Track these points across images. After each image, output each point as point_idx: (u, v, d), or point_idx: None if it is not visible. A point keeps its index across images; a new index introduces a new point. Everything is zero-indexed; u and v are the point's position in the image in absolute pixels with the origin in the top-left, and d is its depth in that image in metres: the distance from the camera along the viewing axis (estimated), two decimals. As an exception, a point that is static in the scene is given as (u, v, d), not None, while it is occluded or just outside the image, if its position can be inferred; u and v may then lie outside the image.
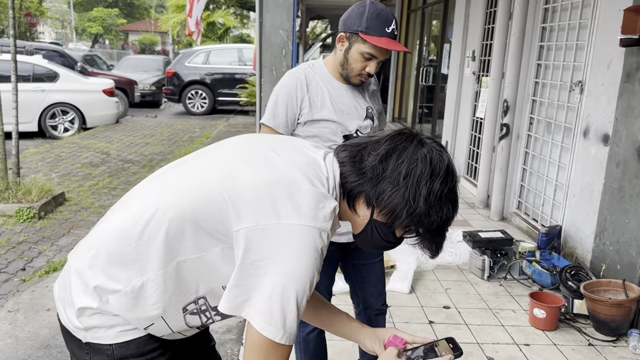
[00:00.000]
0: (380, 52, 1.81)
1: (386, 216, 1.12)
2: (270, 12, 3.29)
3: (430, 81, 8.43)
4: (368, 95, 2.03)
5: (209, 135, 9.96)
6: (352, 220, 1.21)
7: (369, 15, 1.78)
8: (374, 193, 1.12)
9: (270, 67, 3.40)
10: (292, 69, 1.98)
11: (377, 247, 1.25)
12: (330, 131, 1.90)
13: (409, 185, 1.08)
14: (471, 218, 4.97)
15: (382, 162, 1.11)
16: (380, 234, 1.17)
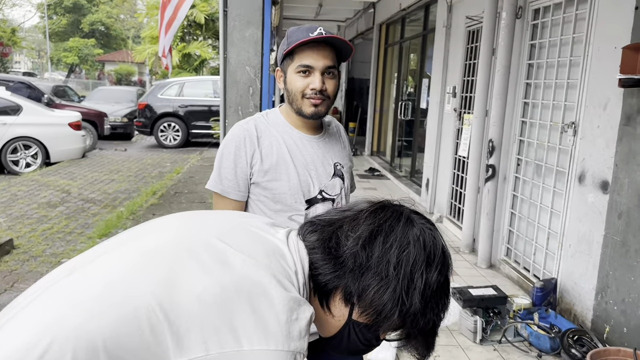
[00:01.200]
0: (313, 56, 1.48)
1: (370, 316, 0.88)
2: (236, 46, 2.95)
3: (409, 115, 8.20)
4: (337, 148, 1.66)
5: (179, 170, 9.53)
6: (323, 321, 0.92)
7: (289, 34, 1.52)
8: (355, 288, 0.87)
9: (235, 107, 3.05)
10: (240, 121, 1.63)
11: (353, 353, 0.96)
12: (290, 194, 1.54)
13: (400, 278, 0.85)
14: (457, 265, 4.61)
15: (365, 248, 0.87)
16: (359, 338, 0.90)
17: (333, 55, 1.51)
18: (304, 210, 1.55)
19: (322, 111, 1.53)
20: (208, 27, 17.76)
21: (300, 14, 11.86)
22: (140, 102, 12.98)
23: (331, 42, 1.49)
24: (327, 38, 1.47)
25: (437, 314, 0.89)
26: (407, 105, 8.22)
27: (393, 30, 9.59)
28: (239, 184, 1.55)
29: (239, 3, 2.85)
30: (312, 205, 1.56)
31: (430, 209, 6.33)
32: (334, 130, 1.70)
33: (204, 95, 13.07)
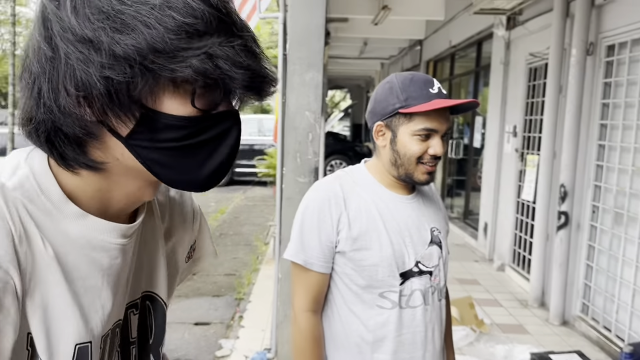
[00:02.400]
0: (439, 120, 1.29)
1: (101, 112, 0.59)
2: (296, 90, 2.79)
3: (461, 154, 7.89)
4: (432, 210, 1.43)
5: (224, 210, 9.46)
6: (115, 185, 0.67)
7: (401, 86, 1.30)
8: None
9: (294, 153, 2.87)
10: (321, 180, 1.42)
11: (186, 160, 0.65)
12: (382, 267, 1.30)
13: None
14: (526, 321, 4.23)
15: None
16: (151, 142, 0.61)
17: (449, 114, 1.33)
18: (398, 285, 1.32)
19: (434, 177, 1.35)
20: (253, 66, 18.07)
21: (344, 53, 11.86)
22: (186, 141, 13.13)
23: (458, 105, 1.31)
24: (444, 95, 1.30)
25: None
26: (459, 144, 7.93)
27: (441, 67, 9.40)
28: (325, 254, 1.33)
29: (300, 46, 2.70)
30: (407, 280, 1.33)
31: (489, 256, 5.95)
32: (425, 188, 1.47)
33: (248, 134, 13.14)
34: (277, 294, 3.07)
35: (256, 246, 6.87)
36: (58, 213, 0.62)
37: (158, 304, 0.79)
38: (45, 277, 0.61)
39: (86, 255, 0.65)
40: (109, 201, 0.67)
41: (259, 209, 9.82)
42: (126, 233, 0.68)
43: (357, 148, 13.75)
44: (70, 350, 0.63)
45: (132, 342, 0.77)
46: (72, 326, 0.63)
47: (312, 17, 2.70)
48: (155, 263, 0.78)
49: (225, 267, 5.89)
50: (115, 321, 0.71)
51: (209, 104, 0.62)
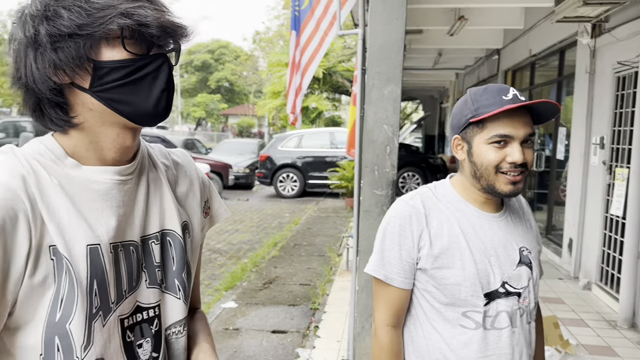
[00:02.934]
0: (513, 125, 1.24)
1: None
2: (374, 104, 2.83)
3: (543, 166, 7.59)
4: (522, 229, 1.38)
5: (298, 221, 9.63)
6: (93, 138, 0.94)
7: (474, 97, 1.30)
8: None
9: (371, 166, 2.90)
10: (404, 196, 1.42)
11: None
12: (465, 286, 1.28)
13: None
14: (615, 344, 3.99)
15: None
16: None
17: (530, 120, 1.28)
18: (483, 306, 1.29)
19: (521, 188, 1.28)
20: (325, 80, 18.33)
21: (417, 64, 11.78)
22: (262, 154, 13.52)
23: (536, 106, 1.26)
24: (532, 104, 1.25)
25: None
26: (540, 156, 7.63)
27: (520, 77, 9.10)
28: (405, 270, 1.33)
29: (379, 61, 2.75)
30: (492, 300, 1.29)
31: (574, 274, 5.66)
32: (515, 205, 1.43)
33: (321, 147, 13.34)
34: (354, 306, 3.10)
35: (329, 257, 6.94)
36: (61, 163, 0.89)
37: (175, 238, 1.02)
38: (54, 198, 0.86)
39: (87, 187, 0.90)
40: (102, 151, 0.91)
41: (331, 220, 9.91)
42: (121, 172, 0.93)
43: (431, 160, 13.51)
44: (83, 249, 0.86)
45: (157, 265, 0.99)
46: (81, 233, 0.87)
47: (391, 32, 2.74)
48: (166, 207, 1.02)
49: (299, 277, 5.99)
50: (126, 240, 0.94)
51: (140, 49, 0.87)
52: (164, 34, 0.87)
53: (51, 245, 0.84)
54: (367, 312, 2.99)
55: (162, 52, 0.90)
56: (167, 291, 1.00)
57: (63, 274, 0.84)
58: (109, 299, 0.88)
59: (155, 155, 1.06)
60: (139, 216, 0.96)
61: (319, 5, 4.43)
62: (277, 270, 6.25)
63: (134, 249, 0.94)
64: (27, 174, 0.85)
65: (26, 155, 0.87)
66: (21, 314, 0.83)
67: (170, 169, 1.07)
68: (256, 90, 38.25)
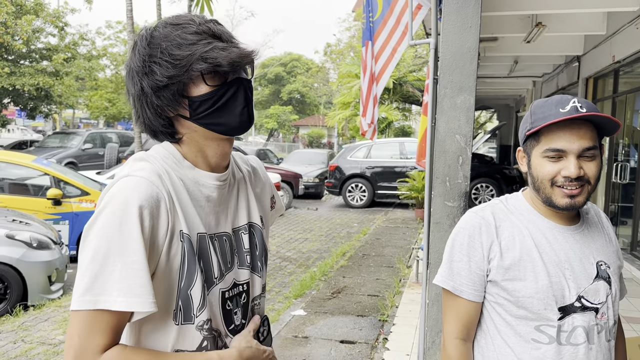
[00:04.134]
0: (567, 139, 1.22)
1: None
2: (446, 114, 2.80)
3: (627, 178, 7.15)
4: (600, 242, 1.33)
5: (366, 231, 9.61)
6: (194, 147, 1.18)
7: (533, 110, 1.30)
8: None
9: (443, 177, 2.87)
10: (474, 207, 1.41)
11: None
12: (538, 298, 1.25)
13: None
14: None
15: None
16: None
17: (592, 132, 1.24)
18: (557, 320, 1.26)
19: (580, 202, 1.25)
20: (395, 90, 18.24)
21: (492, 72, 11.47)
22: (332, 164, 13.64)
23: (588, 117, 1.22)
24: (585, 116, 1.21)
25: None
26: (625, 167, 7.19)
27: (603, 85, 8.65)
28: (474, 281, 1.32)
29: (452, 70, 2.72)
30: (567, 315, 1.26)
31: (663, 293, 5.27)
32: (594, 218, 1.39)
33: (390, 157, 13.27)
34: (425, 320, 3.06)
35: (398, 268, 6.87)
36: (180, 165, 1.13)
37: (257, 228, 1.28)
38: (181, 196, 1.11)
39: (197, 188, 1.14)
40: (207, 158, 1.15)
41: (400, 231, 9.81)
42: (220, 178, 1.17)
43: (506, 171, 13.03)
44: (195, 236, 1.10)
45: (246, 251, 1.23)
46: (195, 222, 1.11)
47: (465, 40, 2.71)
48: (250, 204, 1.27)
49: (368, 288, 5.97)
50: (222, 231, 1.18)
51: (220, 80, 1.08)
52: (234, 67, 1.08)
53: (181, 230, 1.07)
54: (437, 326, 2.95)
55: (237, 77, 1.11)
56: (254, 271, 1.24)
57: (187, 253, 1.07)
58: (212, 276, 1.12)
59: (239, 162, 1.31)
60: (231, 212, 1.21)
61: (392, 16, 4.45)
62: (345, 280, 6.26)
63: (227, 239, 1.18)
64: (162, 173, 1.09)
65: (157, 159, 1.11)
66: (158, 280, 1.05)
67: (250, 173, 1.32)
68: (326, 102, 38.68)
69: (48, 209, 6.69)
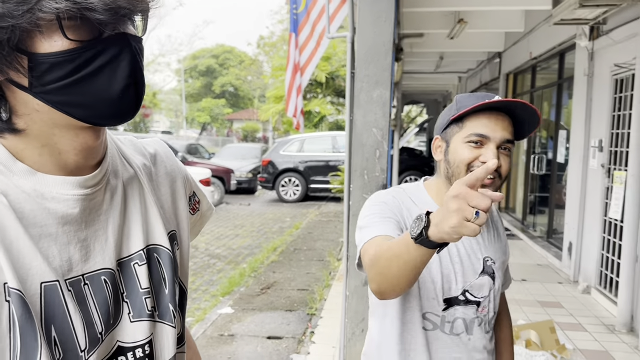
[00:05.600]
0: (491, 127, 1.21)
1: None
2: (362, 108, 2.81)
3: (544, 170, 7.55)
4: (488, 238, 1.35)
5: (299, 226, 9.60)
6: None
7: (459, 100, 1.30)
8: None
9: (361, 170, 2.88)
10: (380, 191, 1.38)
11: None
12: (430, 289, 1.26)
13: None
14: (612, 348, 3.94)
15: None
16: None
17: (512, 128, 1.25)
18: (442, 310, 1.27)
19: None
20: (328, 84, 18.33)
21: (419, 68, 11.75)
22: (264, 158, 13.53)
23: (513, 110, 1.22)
24: (513, 103, 1.20)
25: None
26: (541, 159, 7.58)
27: (522, 80, 9.07)
28: (393, 226, 1.23)
29: (367, 63, 2.73)
30: (451, 306, 1.27)
31: (574, 277, 5.61)
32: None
33: (323, 151, 13.33)
34: (345, 311, 3.07)
35: (329, 262, 6.91)
36: (8, 171, 0.69)
37: (164, 253, 0.83)
38: (4, 224, 0.67)
39: (40, 205, 0.70)
40: (61, 155, 0.72)
41: (332, 224, 9.88)
42: (85, 184, 0.74)
43: (433, 164, 13.46)
44: (37, 288, 0.67)
45: (145, 291, 0.79)
46: (35, 267, 0.68)
47: (380, 34, 2.73)
48: (150, 218, 0.83)
49: (298, 282, 5.96)
50: (98, 269, 0.75)
51: (87, 34, 0.66)
52: (116, 14, 0.66)
53: (4, 282, 0.65)
54: (357, 317, 2.97)
55: (120, 32, 0.68)
56: (161, 320, 0.82)
57: (19, 322, 0.65)
58: (76, 348, 0.70)
59: (128, 152, 0.86)
60: (113, 235, 0.77)
61: (315, 7, 4.43)
62: (275, 276, 6.22)
63: (107, 278, 0.75)
64: None
65: None
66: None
67: (148, 167, 0.88)
68: (260, 95, 38.32)
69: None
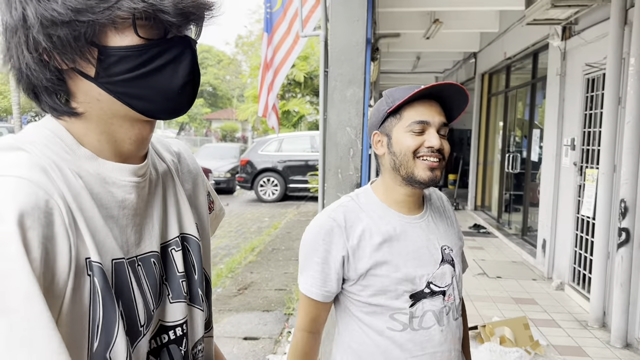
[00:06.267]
0: (429, 113, 1.28)
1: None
2: (336, 107, 2.81)
3: (518, 168, 7.66)
4: (443, 227, 1.39)
5: (277, 225, 9.57)
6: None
7: (388, 94, 1.35)
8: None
9: (335, 169, 2.88)
10: (327, 208, 1.38)
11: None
12: (392, 290, 1.27)
13: None
14: (585, 344, 4.01)
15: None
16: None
17: (443, 112, 1.33)
18: (409, 307, 1.29)
19: (438, 176, 1.29)
20: (307, 84, 18.33)
21: (397, 68, 11.83)
22: (243, 158, 13.46)
23: (443, 95, 1.30)
24: (442, 86, 1.26)
25: None
26: (516, 158, 7.69)
27: (497, 80, 9.19)
28: (326, 284, 1.31)
29: (341, 62, 2.73)
30: (418, 301, 1.29)
31: (548, 274, 5.70)
32: (437, 203, 1.44)
33: (302, 151, 13.32)
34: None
35: (307, 261, 6.89)
36: (74, 154, 0.73)
37: (192, 241, 0.89)
38: (83, 202, 0.70)
39: (105, 188, 0.75)
40: (117, 143, 0.76)
41: (311, 224, 9.87)
42: (137, 172, 0.79)
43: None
44: (109, 264, 0.72)
45: (181, 275, 0.85)
46: (107, 244, 0.72)
47: (352, 33, 2.72)
48: (182, 208, 0.89)
49: (275, 282, 5.94)
50: (147, 252, 0.80)
51: (155, 33, 0.71)
52: (185, 18, 0.71)
53: (88, 257, 0.68)
54: (332, 317, 2.96)
55: (183, 35, 0.74)
56: (192, 304, 0.87)
57: (101, 293, 0.68)
58: (137, 323, 0.73)
59: (160, 148, 0.92)
60: (158, 221, 0.83)
61: (291, 6, 4.42)
62: (253, 276, 6.19)
63: (155, 261, 0.80)
64: (50, 168, 0.68)
65: (38, 145, 0.71)
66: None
67: (175, 163, 0.94)
68: (239, 95, 38.18)
69: None
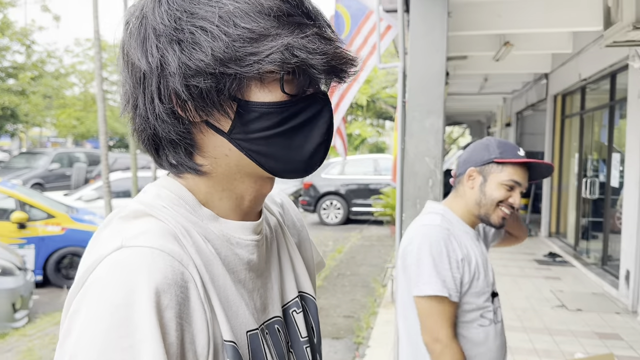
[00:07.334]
0: (523, 177, 1.60)
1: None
2: (415, 137, 2.79)
3: (597, 193, 7.28)
4: (484, 242, 1.79)
5: (341, 250, 9.54)
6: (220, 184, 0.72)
7: (497, 144, 1.63)
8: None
9: (413, 200, 2.84)
10: (432, 221, 1.61)
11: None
12: (485, 292, 1.60)
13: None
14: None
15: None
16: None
17: None
18: (491, 304, 1.60)
19: (506, 224, 1.66)
20: (369, 107, 18.39)
21: (463, 90, 11.65)
22: (306, 181, 13.58)
23: (534, 167, 1.63)
24: (540, 164, 1.61)
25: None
26: (594, 183, 7.32)
27: (571, 101, 8.84)
28: (457, 285, 1.54)
29: (420, 93, 2.72)
30: (495, 297, 1.62)
31: (632, 307, 5.34)
32: (479, 227, 1.81)
33: (364, 174, 13.29)
34: (398, 342, 3.00)
35: (374, 288, 6.82)
36: (198, 216, 0.68)
37: (310, 301, 0.81)
38: (214, 270, 0.65)
39: (231, 250, 0.69)
40: (237, 200, 0.71)
41: (376, 249, 9.78)
42: (256, 229, 0.73)
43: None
44: (244, 338, 0.65)
45: (305, 340, 0.78)
46: (241, 315, 0.66)
47: (432, 64, 2.71)
48: (296, 264, 0.82)
49: (343, 309, 5.90)
50: (271, 317, 0.73)
51: (296, 89, 0.65)
52: (331, 75, 0.66)
53: (223, 338, 0.62)
54: (410, 350, 2.90)
55: (321, 92, 0.68)
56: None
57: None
58: None
59: (266, 200, 0.84)
60: (277, 282, 0.76)
61: (359, 35, 4.46)
62: (321, 302, 6.18)
63: (279, 327, 0.73)
64: (181, 234, 0.63)
65: (165, 209, 0.66)
66: None
67: (282, 215, 0.87)
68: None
69: (13, 233, 6.46)
